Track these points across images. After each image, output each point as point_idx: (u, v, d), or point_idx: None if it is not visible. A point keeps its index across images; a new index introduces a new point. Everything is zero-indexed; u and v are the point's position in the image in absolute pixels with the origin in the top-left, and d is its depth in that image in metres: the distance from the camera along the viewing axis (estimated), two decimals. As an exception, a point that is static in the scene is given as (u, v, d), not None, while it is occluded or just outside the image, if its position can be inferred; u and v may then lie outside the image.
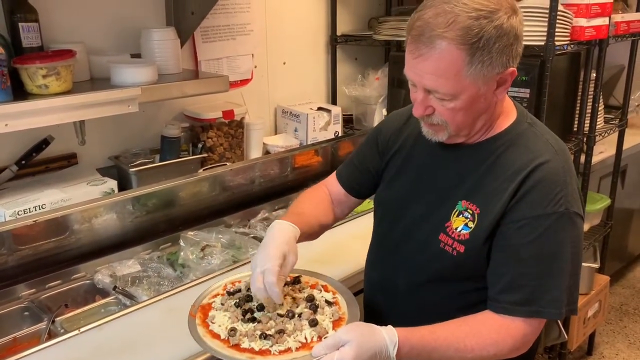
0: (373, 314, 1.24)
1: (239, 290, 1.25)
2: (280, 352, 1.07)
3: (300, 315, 1.15)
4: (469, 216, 1.10)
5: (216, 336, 1.11)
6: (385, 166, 1.31)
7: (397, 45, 2.60)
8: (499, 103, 1.11)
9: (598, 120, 2.33)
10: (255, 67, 2.36)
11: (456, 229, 1.11)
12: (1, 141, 1.70)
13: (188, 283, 1.60)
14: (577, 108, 2.29)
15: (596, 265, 2.60)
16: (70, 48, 1.58)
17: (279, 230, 1.19)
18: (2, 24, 1.63)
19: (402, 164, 1.26)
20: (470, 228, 1.10)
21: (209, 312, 1.19)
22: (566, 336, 2.48)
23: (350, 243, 1.73)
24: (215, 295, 1.25)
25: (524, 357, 1.14)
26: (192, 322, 1.16)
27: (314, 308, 1.17)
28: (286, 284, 1.24)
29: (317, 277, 1.31)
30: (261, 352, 1.07)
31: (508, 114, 1.15)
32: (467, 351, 1.05)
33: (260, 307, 1.18)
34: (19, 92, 1.48)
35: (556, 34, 1.86)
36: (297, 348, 1.08)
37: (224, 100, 2.23)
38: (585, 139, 2.29)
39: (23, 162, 1.74)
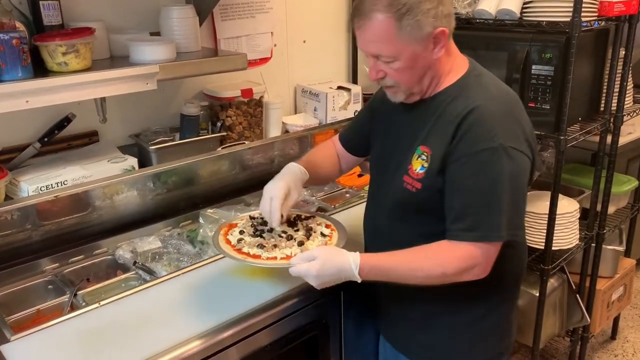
0: (363, 250, 1.37)
1: (262, 219, 1.55)
2: (268, 259, 1.37)
3: (295, 238, 1.44)
4: (425, 158, 1.27)
5: (228, 242, 1.45)
6: (374, 128, 1.50)
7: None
8: (443, 61, 1.26)
9: (627, 99, 2.25)
10: (275, 45, 2.35)
11: (415, 169, 1.29)
12: (24, 119, 1.73)
13: (207, 259, 1.62)
14: (605, 87, 2.22)
15: (621, 249, 2.55)
16: (90, 26, 1.59)
17: (290, 171, 1.47)
18: (23, 2, 1.64)
19: (384, 126, 1.45)
20: (425, 167, 1.27)
21: (232, 228, 1.53)
22: (589, 319, 2.45)
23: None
24: (242, 219, 1.59)
25: (494, 286, 1.32)
26: (217, 231, 1.51)
27: (308, 235, 1.46)
28: (300, 218, 1.57)
29: (328, 219, 1.58)
30: (254, 256, 1.38)
31: (459, 69, 1.30)
32: (417, 270, 1.24)
33: (270, 230, 1.48)
34: (40, 70, 1.50)
35: (583, 9, 1.79)
36: (281, 258, 1.37)
37: (243, 79, 2.23)
38: (612, 118, 2.22)
39: (46, 139, 1.77)
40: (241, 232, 1.49)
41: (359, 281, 1.25)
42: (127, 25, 1.87)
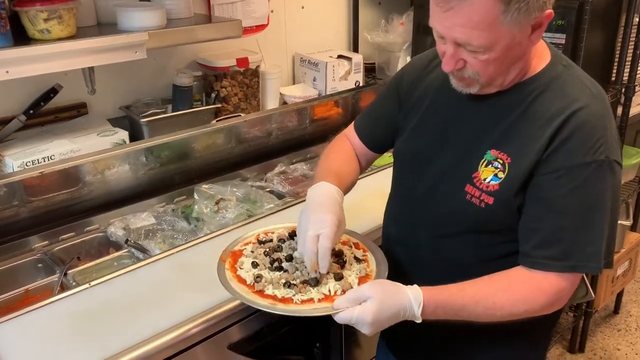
0: (392, 267, 1.19)
1: (271, 241, 1.26)
2: (303, 302, 1.07)
3: None
4: (499, 166, 1.04)
5: (242, 281, 1.13)
6: (405, 116, 1.23)
7: (423, -11, 2.45)
8: (532, 47, 1.03)
9: (639, 69, 2.18)
10: (272, 11, 2.25)
11: (484, 179, 1.05)
12: (8, 90, 1.66)
13: (202, 237, 1.56)
14: (617, 56, 2.15)
15: (628, 223, 2.52)
16: (74, -10, 1.51)
17: (330, 195, 1.16)
18: (3, -35, 1.55)
19: (425, 114, 1.19)
20: (500, 179, 1.04)
21: (239, 259, 1.21)
22: (593, 295, 2.41)
23: (370, 199, 1.67)
24: (247, 243, 1.26)
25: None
26: (221, 266, 1.18)
27: (342, 263, 1.16)
28: None
29: (350, 234, 1.29)
30: (283, 300, 1.08)
31: (541, 56, 1.06)
32: (496, 309, 1.02)
33: (289, 258, 1.18)
34: (21, 38, 1.42)
35: (598, -28, 1.71)
36: (319, 299, 1.08)
37: (238, 47, 2.15)
38: (623, 89, 2.16)
39: (31, 111, 1.70)
40: (254, 265, 1.18)
41: (419, 321, 1.02)
42: (114, -11, 1.78)
